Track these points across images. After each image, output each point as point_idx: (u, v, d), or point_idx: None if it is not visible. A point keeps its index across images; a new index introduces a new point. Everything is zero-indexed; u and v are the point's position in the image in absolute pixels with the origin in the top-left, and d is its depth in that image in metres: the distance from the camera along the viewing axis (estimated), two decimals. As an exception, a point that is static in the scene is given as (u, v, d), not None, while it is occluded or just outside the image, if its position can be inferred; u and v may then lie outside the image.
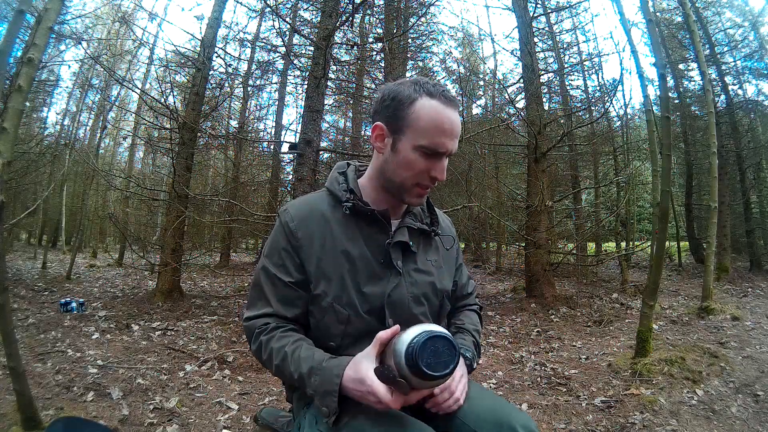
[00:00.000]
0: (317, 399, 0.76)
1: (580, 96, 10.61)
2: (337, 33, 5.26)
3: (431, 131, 0.81)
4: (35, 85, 8.37)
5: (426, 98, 0.81)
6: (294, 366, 0.79)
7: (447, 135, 0.82)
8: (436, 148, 0.82)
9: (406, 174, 0.85)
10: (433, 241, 0.99)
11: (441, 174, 0.85)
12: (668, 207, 3.07)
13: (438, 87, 0.83)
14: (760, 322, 4.09)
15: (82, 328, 3.77)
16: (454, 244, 1.04)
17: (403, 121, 0.83)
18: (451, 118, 0.82)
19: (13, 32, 1.92)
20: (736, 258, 9.15)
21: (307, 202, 0.93)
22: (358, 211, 0.89)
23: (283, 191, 9.01)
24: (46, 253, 8.73)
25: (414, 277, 0.91)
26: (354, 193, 0.91)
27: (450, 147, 0.83)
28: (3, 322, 1.72)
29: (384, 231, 0.90)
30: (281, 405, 2.42)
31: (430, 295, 0.93)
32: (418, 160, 0.83)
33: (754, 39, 8.90)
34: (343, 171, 0.98)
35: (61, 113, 12.21)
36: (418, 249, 0.94)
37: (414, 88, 0.83)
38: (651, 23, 3.17)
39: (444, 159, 0.85)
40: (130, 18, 9.58)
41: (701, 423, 2.12)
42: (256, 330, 0.88)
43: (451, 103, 0.82)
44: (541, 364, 3.14)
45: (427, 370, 0.60)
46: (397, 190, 0.88)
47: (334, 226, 0.88)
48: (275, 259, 0.89)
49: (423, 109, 0.81)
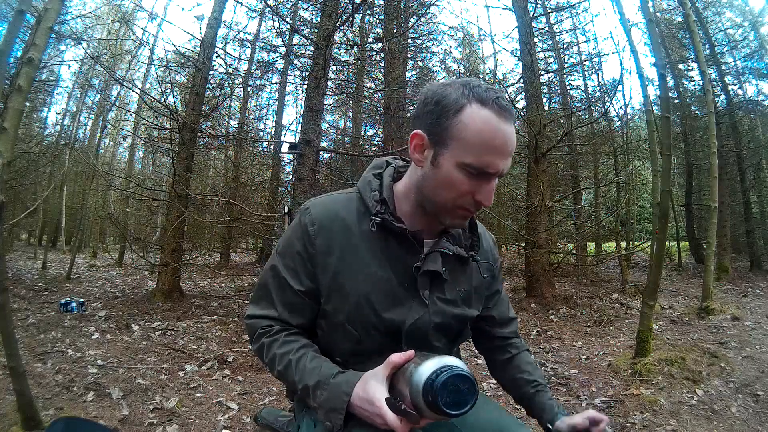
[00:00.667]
0: (321, 413, 0.73)
1: (580, 96, 10.62)
2: (337, 33, 5.26)
3: (480, 147, 0.69)
4: (35, 85, 8.36)
5: (476, 106, 0.69)
6: (299, 376, 0.76)
7: (499, 153, 0.69)
8: (484, 168, 0.70)
9: (446, 195, 0.73)
10: (468, 267, 0.87)
11: (487, 199, 0.73)
12: (668, 207, 3.07)
13: (491, 92, 0.70)
14: (760, 322, 4.09)
15: (82, 328, 3.77)
16: (493, 271, 0.92)
17: (447, 132, 0.70)
18: (505, 132, 0.69)
19: (13, 32, 1.92)
20: (736, 258, 9.15)
21: (332, 205, 0.82)
22: (387, 228, 0.78)
23: (283, 191, 9.02)
24: (46, 253, 8.73)
25: (439, 305, 0.82)
26: (387, 204, 0.79)
27: (501, 167, 0.71)
28: (3, 322, 1.72)
29: (414, 253, 0.79)
30: (281, 405, 2.42)
31: (453, 324, 0.85)
32: (461, 179, 0.71)
33: (754, 39, 8.91)
34: (380, 173, 0.86)
35: (61, 113, 12.22)
36: (449, 276, 0.82)
37: (462, 92, 0.70)
38: (651, 23, 3.18)
39: (493, 181, 0.72)
40: (130, 18, 9.58)
41: (701, 423, 2.12)
42: (258, 330, 0.84)
43: (507, 113, 0.69)
44: (541, 364, 3.14)
45: (447, 408, 0.59)
46: (436, 212, 0.77)
47: (357, 239, 0.79)
48: (288, 260, 0.82)
49: (472, 120, 0.69)
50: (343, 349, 0.82)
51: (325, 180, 7.05)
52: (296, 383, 0.76)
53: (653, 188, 4.95)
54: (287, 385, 0.85)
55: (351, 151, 8.21)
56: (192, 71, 6.00)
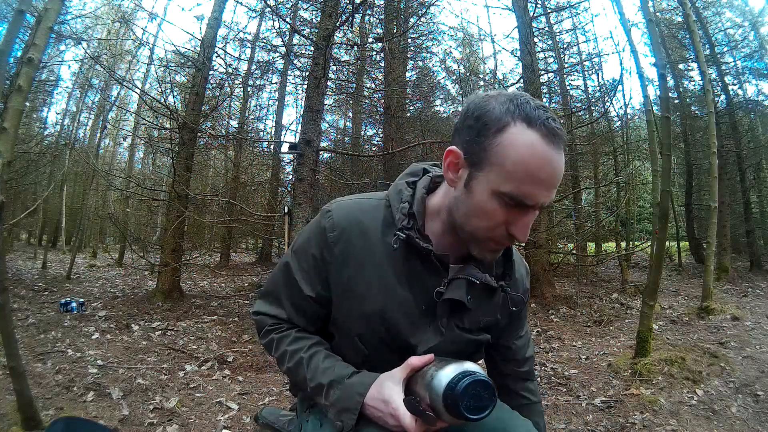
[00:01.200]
0: (333, 412, 0.72)
1: (580, 96, 10.61)
2: (337, 33, 5.26)
3: (521, 175, 0.61)
4: (35, 85, 8.36)
5: (521, 126, 0.61)
6: (311, 374, 0.74)
7: (542, 184, 0.61)
8: (522, 200, 0.62)
9: (477, 224, 0.66)
10: (496, 297, 0.79)
11: (523, 234, 0.65)
12: (668, 207, 3.07)
13: (541, 111, 0.61)
14: (760, 322, 4.09)
15: (82, 328, 3.77)
16: (521, 305, 0.83)
17: (486, 153, 0.63)
18: (552, 161, 0.61)
19: (13, 32, 1.92)
20: (736, 258, 9.15)
21: (357, 211, 0.76)
22: (412, 246, 0.71)
23: (283, 191, 9.02)
24: (46, 253, 8.73)
25: (456, 333, 0.77)
26: (415, 219, 0.73)
27: (542, 200, 0.63)
28: (3, 322, 1.72)
29: (437, 275, 0.73)
30: (281, 405, 2.42)
31: (466, 349, 0.80)
32: (495, 209, 0.64)
33: (754, 39, 8.91)
34: (414, 182, 0.78)
35: (61, 113, 12.23)
36: (473, 305, 0.76)
37: (507, 108, 0.62)
38: (651, 23, 3.18)
39: (531, 213, 0.65)
40: (130, 18, 9.57)
41: (701, 423, 2.12)
42: (266, 327, 0.83)
43: (557, 138, 0.61)
44: (541, 364, 3.14)
45: (467, 413, 0.60)
46: (466, 239, 0.70)
47: (378, 252, 0.73)
48: (302, 262, 0.78)
49: (515, 143, 0.61)
50: (350, 360, 0.79)
51: (325, 180, 7.06)
52: (307, 381, 0.75)
53: (653, 188, 4.95)
54: (297, 382, 0.83)
55: (351, 151, 8.21)
56: (192, 71, 6.00)
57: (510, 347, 0.89)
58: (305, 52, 7.34)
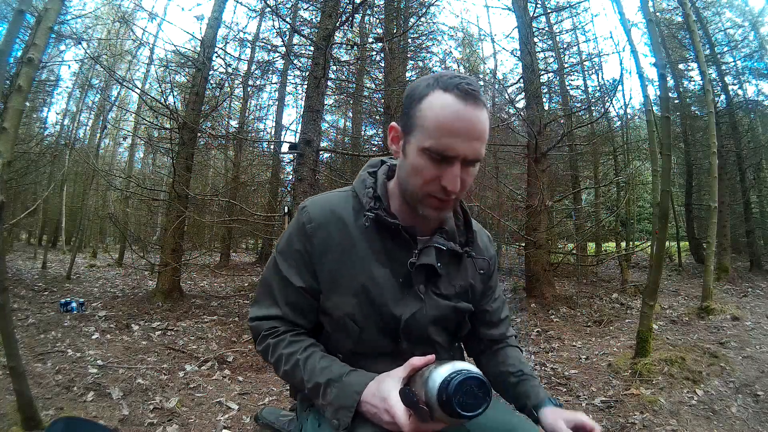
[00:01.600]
0: (329, 411, 0.73)
1: (580, 96, 10.61)
2: (337, 33, 5.26)
3: (438, 131, 0.69)
4: (35, 85, 8.36)
5: (438, 92, 0.69)
6: (308, 375, 0.76)
7: (457, 135, 0.68)
8: (443, 152, 0.69)
9: (414, 182, 0.74)
10: (464, 263, 0.88)
11: (452, 184, 0.71)
12: (668, 207, 3.07)
13: (458, 79, 0.69)
14: (760, 322, 4.09)
15: (82, 328, 3.77)
16: (489, 268, 0.92)
17: (413, 119, 0.72)
18: (464, 115, 0.68)
19: (13, 32, 1.92)
20: (736, 258, 9.15)
21: (328, 203, 0.84)
22: (381, 224, 0.79)
23: (283, 191, 9.02)
24: (46, 253, 8.73)
25: (435, 300, 0.83)
26: (380, 200, 0.81)
27: (463, 151, 0.69)
28: (3, 322, 1.72)
29: (408, 249, 0.80)
30: (281, 405, 2.42)
31: (450, 317, 0.85)
32: (426, 165, 0.71)
33: (754, 39, 8.91)
34: (374, 171, 0.87)
35: (61, 113, 12.21)
36: (445, 271, 0.84)
37: (429, 82, 0.72)
38: (651, 23, 3.18)
39: (456, 165, 0.70)
40: (130, 18, 9.57)
41: (701, 423, 2.12)
42: (263, 332, 0.84)
43: (470, 97, 0.68)
44: (541, 364, 3.14)
45: (460, 409, 0.60)
46: (411, 201, 0.78)
47: (354, 236, 0.80)
48: (288, 259, 0.83)
49: (432, 105, 0.69)
50: (344, 347, 0.82)
51: (325, 180, 7.05)
52: (305, 382, 0.76)
53: (653, 188, 4.95)
54: (294, 384, 0.84)
55: (351, 151, 8.21)
56: (192, 71, 6.00)
57: (487, 310, 0.95)
58: (305, 52, 7.34)
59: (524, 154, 6.22)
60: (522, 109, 6.47)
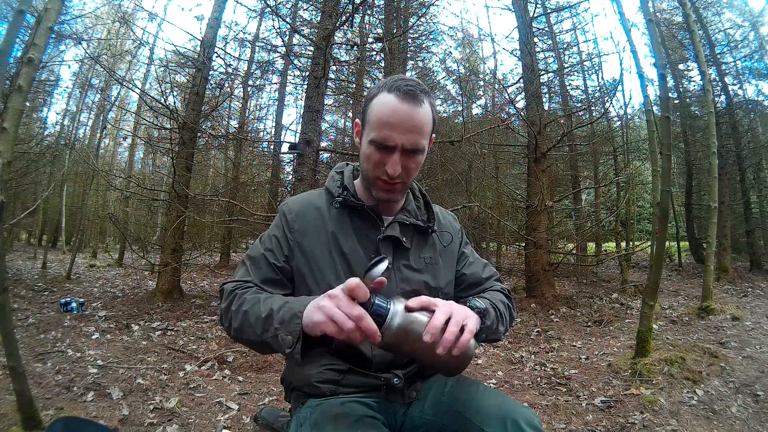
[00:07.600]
0: (282, 330, 0.71)
1: (580, 96, 10.61)
2: (337, 33, 5.26)
3: (379, 124, 0.82)
4: (35, 85, 8.36)
5: (384, 93, 0.83)
6: (264, 306, 0.76)
7: (394, 128, 0.81)
8: (383, 142, 0.82)
9: (366, 167, 0.88)
10: (429, 238, 0.98)
11: (392, 169, 0.84)
12: (668, 207, 3.07)
13: (402, 82, 0.82)
14: (760, 322, 4.09)
15: (82, 328, 3.77)
16: (453, 240, 1.02)
17: (366, 116, 0.87)
18: (400, 111, 0.81)
19: (13, 32, 1.91)
20: (736, 258, 9.15)
21: (305, 198, 0.98)
22: (350, 206, 0.92)
23: (283, 191, 9.00)
24: (46, 253, 8.73)
25: (405, 273, 0.91)
26: (348, 189, 0.94)
27: (399, 141, 0.82)
28: (3, 322, 1.72)
29: (376, 226, 0.92)
30: (281, 405, 2.41)
31: (423, 292, 0.88)
32: (372, 153, 0.85)
33: (754, 39, 8.91)
34: (341, 170, 1.02)
35: (61, 113, 12.22)
36: (411, 245, 0.94)
37: (381, 84, 0.86)
38: (651, 23, 3.17)
39: (396, 154, 0.83)
40: (130, 18, 9.57)
41: (701, 423, 2.12)
42: (232, 288, 0.86)
43: (408, 96, 0.81)
44: (541, 364, 3.14)
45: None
46: (367, 184, 0.91)
47: (328, 221, 0.92)
48: (267, 243, 0.92)
49: (377, 103, 0.83)
50: None
51: (325, 180, 7.04)
52: (260, 314, 0.76)
53: (653, 188, 4.94)
54: (249, 329, 0.79)
55: (351, 151, 8.20)
56: (192, 71, 6.00)
57: (465, 273, 1.02)
58: (305, 52, 7.34)
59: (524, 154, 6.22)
60: (522, 109, 6.47)
